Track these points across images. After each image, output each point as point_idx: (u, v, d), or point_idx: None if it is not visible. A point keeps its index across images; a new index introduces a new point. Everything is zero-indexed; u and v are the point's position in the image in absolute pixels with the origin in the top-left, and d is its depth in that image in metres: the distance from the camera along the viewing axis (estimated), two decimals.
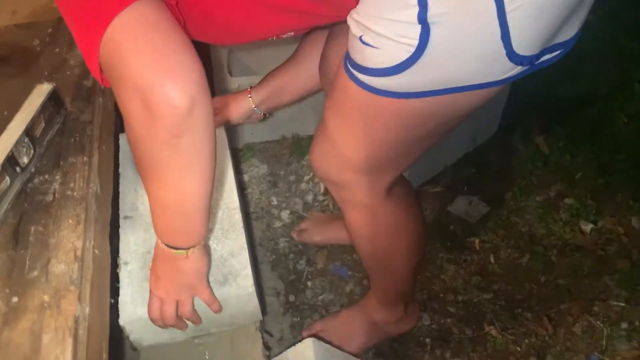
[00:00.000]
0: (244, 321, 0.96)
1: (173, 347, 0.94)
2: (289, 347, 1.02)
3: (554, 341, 1.21)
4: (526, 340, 1.21)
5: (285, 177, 1.55)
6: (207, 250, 0.87)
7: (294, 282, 1.32)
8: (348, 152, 0.83)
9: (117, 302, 0.87)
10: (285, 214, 1.45)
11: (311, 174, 1.53)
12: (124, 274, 0.91)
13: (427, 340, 1.22)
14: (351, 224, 0.98)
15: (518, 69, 0.66)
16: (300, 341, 1.01)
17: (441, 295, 1.30)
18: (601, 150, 1.59)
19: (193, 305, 0.87)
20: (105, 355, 0.74)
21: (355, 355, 1.11)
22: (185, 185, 0.69)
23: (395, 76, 0.66)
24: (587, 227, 1.42)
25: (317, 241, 1.37)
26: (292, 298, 1.29)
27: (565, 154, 1.59)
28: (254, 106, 1.14)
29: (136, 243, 0.95)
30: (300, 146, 1.58)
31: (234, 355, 0.93)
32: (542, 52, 0.67)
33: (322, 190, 1.49)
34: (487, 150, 1.60)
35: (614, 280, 1.31)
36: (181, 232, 0.77)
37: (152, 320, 0.85)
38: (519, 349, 1.20)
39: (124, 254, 0.93)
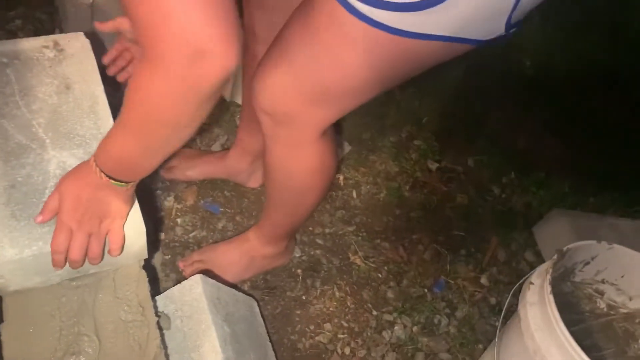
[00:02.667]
0: (128, 260, 0.89)
1: (45, 291, 0.84)
2: (174, 284, 0.98)
3: (408, 267, 1.35)
4: (385, 267, 1.34)
5: None
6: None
7: (162, 220, 1.26)
8: (311, 79, 0.78)
9: None
10: None
11: None
12: None
13: (299, 271, 1.28)
14: (273, 157, 0.94)
15: (496, 35, 0.68)
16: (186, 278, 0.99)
17: (310, 228, 1.36)
18: (444, 97, 1.76)
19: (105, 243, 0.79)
20: None
21: (231, 287, 1.12)
22: (174, 137, 0.67)
23: (409, 13, 0.64)
24: (433, 166, 1.59)
25: (188, 176, 1.31)
26: (161, 236, 1.23)
27: (415, 100, 1.73)
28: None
29: None
30: None
31: (119, 296, 0.87)
32: (515, 25, 0.69)
33: None
34: None
35: (455, 212, 1.50)
36: (135, 167, 0.73)
37: (55, 252, 0.75)
38: (379, 275, 1.32)
39: None
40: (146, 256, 0.91)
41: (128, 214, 0.82)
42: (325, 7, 0.72)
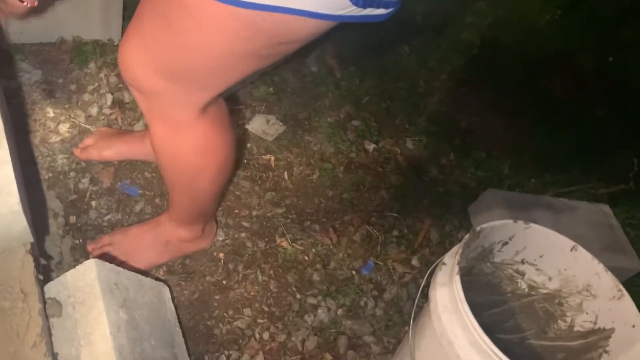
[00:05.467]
0: (12, 244, 0.84)
1: None
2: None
3: (337, 249, 1.32)
4: (313, 250, 1.30)
5: (64, 86, 1.36)
6: None
7: (75, 202, 1.20)
8: (164, 57, 0.75)
9: None
10: (64, 128, 1.29)
11: (96, 84, 1.38)
12: None
13: (221, 255, 1.23)
14: (155, 138, 0.90)
15: (351, 9, 0.65)
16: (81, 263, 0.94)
17: (236, 211, 1.31)
18: (385, 77, 1.72)
19: None
20: None
21: (143, 273, 1.07)
22: None
23: None
24: (370, 147, 1.55)
25: (105, 157, 1.25)
26: (72, 219, 1.18)
27: (355, 79, 1.69)
28: None
29: None
30: (83, 52, 1.40)
31: (1, 281, 0.81)
32: (372, 2, 0.67)
33: (109, 102, 1.35)
34: (283, 71, 1.61)
35: (389, 193, 1.47)
36: None
37: None
38: (306, 257, 1.29)
39: None
40: (31, 240, 0.86)
41: None
42: None
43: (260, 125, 1.48)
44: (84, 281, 0.90)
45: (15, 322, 0.79)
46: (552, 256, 1.05)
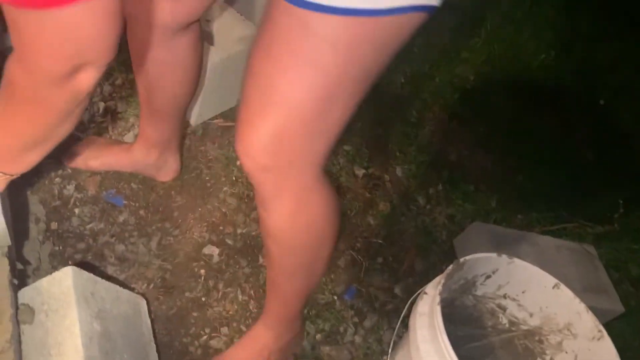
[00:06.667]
0: None
1: None
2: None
3: None
4: None
5: None
6: None
7: (58, 209, 1.18)
8: (303, 108, 0.71)
9: None
10: None
11: None
12: None
13: (202, 271, 1.22)
14: (281, 221, 0.83)
15: None
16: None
17: (221, 227, 1.30)
18: (379, 105, 1.73)
19: None
20: None
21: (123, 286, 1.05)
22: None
23: None
24: (360, 172, 1.55)
25: (91, 166, 1.24)
26: (54, 225, 1.16)
27: None
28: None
29: None
30: None
31: None
32: None
33: (101, 110, 1.35)
34: None
35: (376, 220, 1.46)
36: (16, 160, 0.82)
37: None
38: None
39: None
40: (9, 243, 0.84)
41: None
42: (292, 22, 0.66)
43: None
44: (60, 288, 0.89)
45: None
46: (535, 293, 1.05)
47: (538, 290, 1.04)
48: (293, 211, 0.82)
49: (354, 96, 0.74)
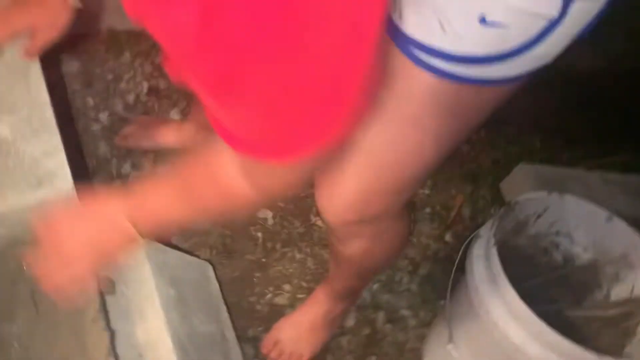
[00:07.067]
0: None
1: None
2: None
3: None
4: None
5: (101, 75, 1.41)
6: None
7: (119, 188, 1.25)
8: (394, 168, 0.68)
9: None
10: (104, 116, 1.34)
11: (132, 73, 1.42)
12: None
13: (259, 234, 1.27)
14: (357, 255, 0.86)
15: None
16: None
17: None
18: None
19: None
20: None
21: None
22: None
23: (507, 60, 0.56)
24: None
25: (144, 145, 1.29)
26: None
27: None
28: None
29: None
30: (118, 41, 1.44)
31: None
32: None
33: (145, 90, 1.40)
34: None
35: None
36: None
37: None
38: None
39: None
40: None
41: None
42: (404, 87, 0.62)
43: None
44: (134, 259, 0.95)
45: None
46: (587, 227, 1.05)
47: (590, 224, 1.04)
48: (370, 247, 0.84)
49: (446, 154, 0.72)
